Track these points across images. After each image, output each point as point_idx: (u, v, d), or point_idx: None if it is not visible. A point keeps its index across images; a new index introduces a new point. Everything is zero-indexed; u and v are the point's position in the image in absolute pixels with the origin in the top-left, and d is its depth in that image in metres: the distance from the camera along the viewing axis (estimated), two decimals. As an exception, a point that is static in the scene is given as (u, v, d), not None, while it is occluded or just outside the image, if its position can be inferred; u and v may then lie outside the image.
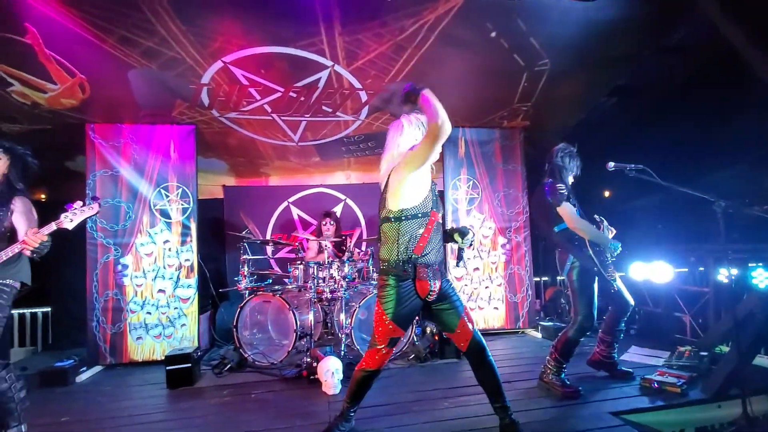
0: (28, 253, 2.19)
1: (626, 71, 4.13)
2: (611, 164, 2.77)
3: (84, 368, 3.72)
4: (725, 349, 3.18)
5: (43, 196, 4.67)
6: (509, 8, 3.21)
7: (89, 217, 2.31)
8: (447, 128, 1.93)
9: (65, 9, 2.83)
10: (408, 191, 2.07)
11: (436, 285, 2.10)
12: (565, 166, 2.97)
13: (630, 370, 3.10)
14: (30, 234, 2.16)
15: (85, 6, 2.84)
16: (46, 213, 2.42)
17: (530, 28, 3.39)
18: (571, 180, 3.01)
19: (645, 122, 4.78)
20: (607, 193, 5.52)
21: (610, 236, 3.00)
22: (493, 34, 3.43)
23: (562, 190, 2.84)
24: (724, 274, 3.63)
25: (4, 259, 2.16)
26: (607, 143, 4.84)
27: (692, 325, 3.94)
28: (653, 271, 4.02)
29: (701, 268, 4.12)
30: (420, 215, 2.08)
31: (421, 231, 2.08)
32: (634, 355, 3.60)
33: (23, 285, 2.36)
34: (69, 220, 2.24)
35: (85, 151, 4.00)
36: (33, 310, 4.64)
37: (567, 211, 2.81)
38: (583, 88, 4.31)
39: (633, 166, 2.73)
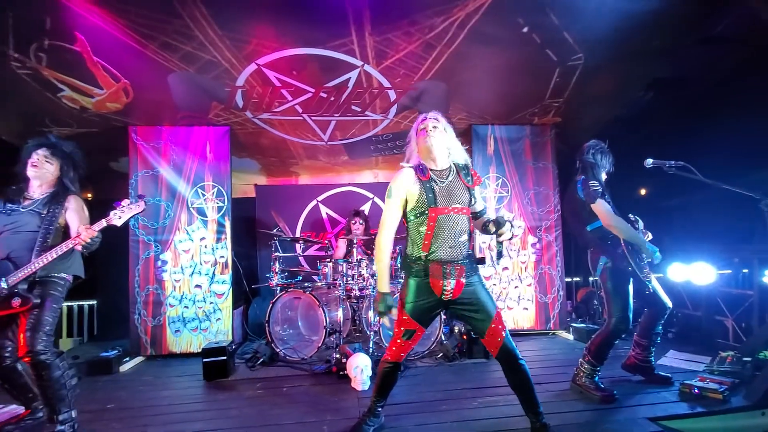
0: (79, 248, 2.33)
1: (664, 64, 3.96)
2: (649, 161, 2.67)
3: (127, 359, 3.92)
4: (771, 354, 3.03)
5: (89, 195, 4.94)
6: (542, 2, 3.14)
7: (135, 214, 2.43)
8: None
9: (112, 18, 2.98)
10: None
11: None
12: (598, 163, 2.89)
13: (668, 375, 2.99)
14: (82, 230, 2.30)
15: (131, 15, 2.99)
16: (92, 211, 2.58)
17: (563, 21, 3.30)
18: (604, 177, 2.92)
19: (684, 117, 4.57)
20: (643, 191, 5.33)
21: (646, 239, 2.89)
22: (525, 30, 3.36)
23: (596, 186, 2.76)
24: (770, 277, 3.45)
25: (59, 254, 2.30)
26: (643, 139, 4.67)
27: (735, 329, 3.76)
28: (694, 273, 3.85)
29: (745, 270, 3.93)
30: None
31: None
32: (672, 360, 3.48)
33: (76, 278, 2.52)
34: (118, 217, 2.36)
35: (128, 153, 4.22)
36: (80, 303, 4.93)
37: (602, 208, 2.73)
38: (618, 83, 4.16)
39: (673, 162, 2.62)
